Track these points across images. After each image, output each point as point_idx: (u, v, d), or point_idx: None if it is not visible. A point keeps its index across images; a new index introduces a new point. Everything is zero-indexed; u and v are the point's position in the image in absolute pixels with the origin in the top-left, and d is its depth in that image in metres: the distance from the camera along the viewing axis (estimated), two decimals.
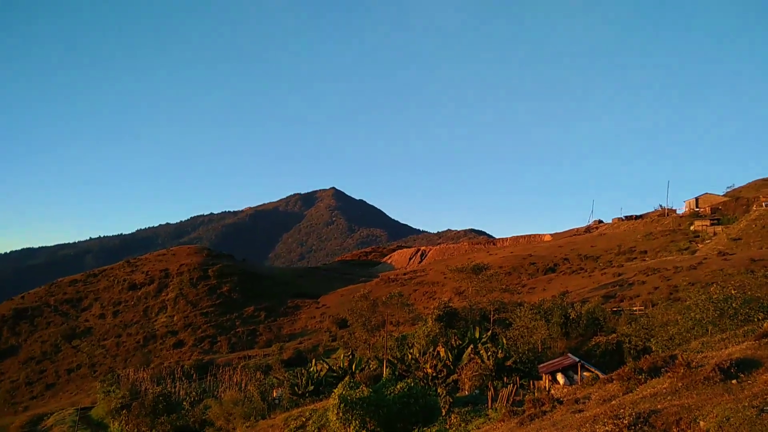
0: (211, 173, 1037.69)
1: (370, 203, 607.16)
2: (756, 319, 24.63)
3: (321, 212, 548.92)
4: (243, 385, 56.94)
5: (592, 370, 32.95)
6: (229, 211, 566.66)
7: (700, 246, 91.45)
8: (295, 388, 45.94)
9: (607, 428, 9.92)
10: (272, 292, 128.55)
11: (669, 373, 14.09)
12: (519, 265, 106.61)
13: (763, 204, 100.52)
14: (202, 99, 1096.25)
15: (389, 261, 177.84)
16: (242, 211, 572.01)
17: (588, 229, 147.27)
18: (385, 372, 44.82)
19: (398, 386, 33.27)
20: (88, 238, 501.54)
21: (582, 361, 34.56)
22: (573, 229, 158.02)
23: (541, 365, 37.79)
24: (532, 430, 15.51)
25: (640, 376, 15.91)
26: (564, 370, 34.84)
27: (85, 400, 74.97)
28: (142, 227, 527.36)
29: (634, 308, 54.81)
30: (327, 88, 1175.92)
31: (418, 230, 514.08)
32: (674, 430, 9.55)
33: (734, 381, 12.61)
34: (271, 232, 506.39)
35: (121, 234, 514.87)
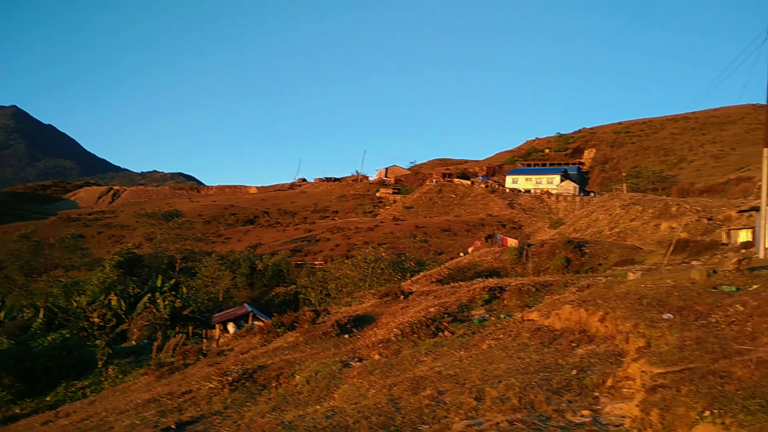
0: None
1: (61, 130, 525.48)
2: (395, 280, 28.62)
3: None
4: None
5: (263, 319, 34.29)
6: None
7: (381, 211, 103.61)
8: None
9: (212, 385, 10.02)
10: None
11: (298, 328, 15.09)
12: (219, 215, 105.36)
13: (434, 180, 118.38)
14: None
15: (74, 198, 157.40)
16: None
17: (292, 186, 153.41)
18: (38, 321, 39.59)
19: (49, 338, 30.03)
20: None
21: (254, 311, 35.69)
22: (279, 185, 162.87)
23: (216, 315, 37.91)
24: (165, 383, 15.11)
25: (279, 330, 16.73)
26: (236, 320, 35.47)
27: None
28: None
29: (316, 263, 59.14)
30: None
31: (119, 167, 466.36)
32: (273, 384, 10.12)
33: (347, 336, 14.06)
34: None
35: None
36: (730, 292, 9.48)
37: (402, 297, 18.06)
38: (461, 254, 43.55)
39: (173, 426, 8.01)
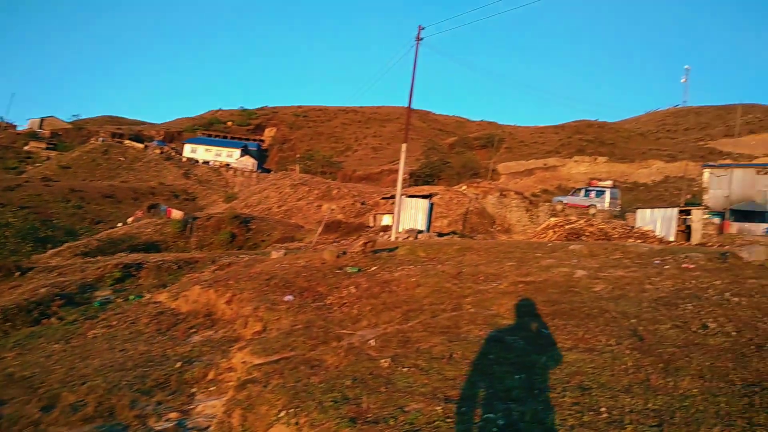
0: None
1: None
2: (26, 251, 24.03)
3: None
4: None
5: None
6: None
7: (30, 168, 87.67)
8: None
9: None
10: None
11: None
12: None
13: (101, 139, 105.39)
14: None
15: None
16: None
17: None
18: None
19: None
20: None
21: None
22: None
23: None
24: None
25: None
26: None
27: None
28: None
29: None
30: None
31: None
32: None
33: None
34: None
35: None
36: (351, 273, 10.04)
37: (18, 273, 14.90)
38: (119, 224, 39.42)
39: None
